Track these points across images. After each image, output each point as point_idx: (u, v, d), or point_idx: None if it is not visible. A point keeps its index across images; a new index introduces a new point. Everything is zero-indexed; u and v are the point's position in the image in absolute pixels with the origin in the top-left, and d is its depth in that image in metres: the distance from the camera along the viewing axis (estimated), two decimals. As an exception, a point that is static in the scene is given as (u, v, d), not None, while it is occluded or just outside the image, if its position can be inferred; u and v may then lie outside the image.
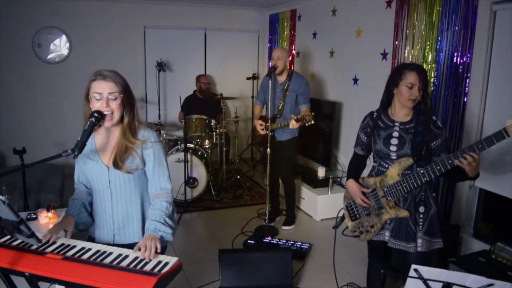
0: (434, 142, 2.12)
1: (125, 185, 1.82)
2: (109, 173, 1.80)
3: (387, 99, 2.23)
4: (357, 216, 2.35)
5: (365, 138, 2.30)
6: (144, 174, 1.87)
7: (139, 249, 1.62)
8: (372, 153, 2.30)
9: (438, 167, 1.98)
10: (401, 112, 2.19)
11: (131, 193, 1.85)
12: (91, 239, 1.91)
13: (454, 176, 2.14)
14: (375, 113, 2.29)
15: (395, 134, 2.17)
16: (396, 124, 2.18)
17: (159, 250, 1.62)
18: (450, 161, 1.94)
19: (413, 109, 2.18)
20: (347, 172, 2.43)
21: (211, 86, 5.94)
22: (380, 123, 2.23)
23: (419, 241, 2.14)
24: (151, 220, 1.78)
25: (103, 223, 1.87)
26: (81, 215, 1.86)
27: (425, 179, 2.04)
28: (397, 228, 2.18)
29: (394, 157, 2.16)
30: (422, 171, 2.04)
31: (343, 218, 2.46)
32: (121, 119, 1.78)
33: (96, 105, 1.70)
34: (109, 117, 1.71)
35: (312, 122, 3.48)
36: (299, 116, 3.51)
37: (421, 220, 2.15)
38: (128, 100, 1.77)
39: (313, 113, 3.50)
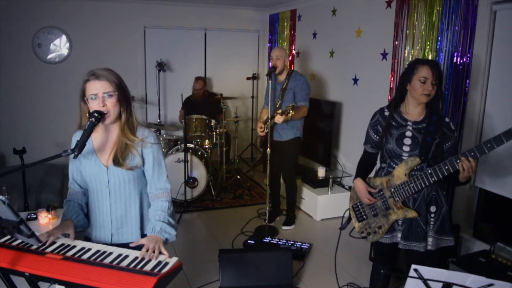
0: (446, 145, 2.10)
1: (124, 184, 1.82)
2: (108, 173, 1.80)
3: (401, 96, 2.19)
4: (364, 217, 2.32)
5: (375, 136, 2.25)
6: (143, 174, 1.87)
7: (139, 246, 1.61)
8: (380, 153, 2.26)
9: (446, 167, 1.96)
10: (415, 110, 2.15)
11: (130, 193, 1.84)
12: (88, 240, 1.90)
13: (450, 180, 2.12)
14: (386, 111, 2.23)
15: (408, 133, 2.12)
16: (409, 123, 2.14)
17: (163, 253, 1.61)
18: (458, 161, 1.92)
19: (426, 108, 2.15)
20: (356, 170, 2.38)
21: (208, 87, 5.94)
22: (392, 121, 2.18)
23: (430, 239, 2.13)
24: (156, 221, 1.78)
25: (100, 223, 1.87)
26: (79, 217, 1.85)
27: (433, 179, 2.01)
28: (407, 229, 2.16)
29: (406, 158, 2.12)
30: (430, 171, 2.01)
31: (349, 219, 2.42)
32: (120, 117, 1.78)
33: (93, 106, 1.70)
34: (107, 116, 1.71)
35: (292, 112, 3.38)
36: (282, 109, 3.46)
37: (432, 219, 2.13)
38: (123, 97, 1.76)
39: (292, 104, 3.45)
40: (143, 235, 1.88)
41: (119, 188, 1.82)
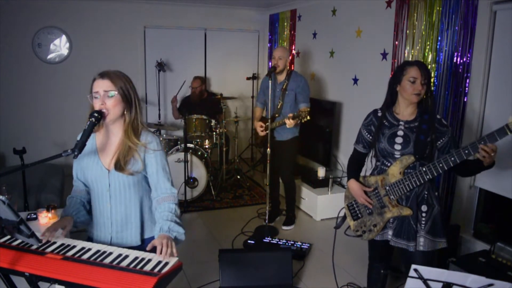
0: (441, 140, 2.11)
1: (125, 189, 1.81)
2: (109, 176, 1.79)
3: (391, 98, 2.22)
4: (359, 215, 2.34)
5: (368, 136, 2.28)
6: (145, 179, 1.85)
7: (153, 247, 1.60)
8: (372, 152, 2.28)
9: (440, 165, 1.98)
10: (406, 110, 2.18)
11: (130, 198, 1.83)
12: (90, 239, 1.90)
13: (466, 170, 2.13)
14: (379, 112, 2.26)
15: (400, 133, 2.15)
16: (401, 123, 2.17)
17: (174, 252, 1.60)
18: (452, 158, 1.93)
19: (417, 107, 2.18)
20: (347, 171, 2.42)
21: (208, 86, 5.94)
22: (384, 121, 2.22)
23: (421, 239, 2.13)
24: (164, 220, 1.76)
25: (101, 224, 1.86)
26: (80, 214, 1.85)
27: (427, 177, 2.03)
28: (399, 227, 2.17)
29: (398, 156, 2.15)
30: (424, 169, 2.03)
31: (344, 217, 2.44)
32: (122, 118, 1.78)
33: (95, 105, 1.71)
34: (105, 115, 1.71)
35: (308, 118, 3.46)
36: (294, 114, 3.51)
37: (423, 219, 2.14)
38: (126, 98, 1.75)
39: (308, 109, 3.50)
40: (142, 240, 1.88)
41: (119, 192, 1.81)
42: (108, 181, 1.80)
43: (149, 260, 1.55)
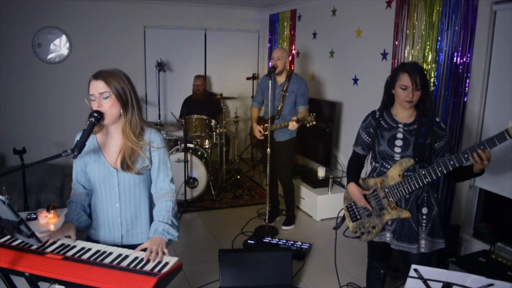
0: (438, 143, 2.12)
1: (135, 187, 1.81)
2: (118, 175, 1.78)
3: (387, 100, 2.22)
4: (358, 217, 2.34)
5: (367, 138, 2.28)
6: (150, 174, 1.86)
7: (143, 249, 1.61)
8: (371, 154, 2.28)
9: (439, 168, 1.98)
10: (404, 113, 2.17)
11: (140, 195, 1.84)
12: (91, 241, 1.89)
13: (458, 176, 2.15)
14: (378, 113, 2.26)
15: (399, 135, 2.15)
16: (400, 125, 2.17)
17: (166, 254, 1.61)
18: (452, 162, 1.93)
19: (416, 110, 2.17)
20: (347, 173, 2.41)
21: (208, 86, 5.94)
22: (383, 123, 2.21)
23: (422, 242, 2.14)
24: (159, 222, 1.77)
25: (109, 225, 1.85)
26: (81, 219, 1.85)
27: (426, 180, 2.03)
28: (399, 230, 2.17)
29: (398, 159, 2.14)
30: (423, 172, 2.03)
31: (343, 218, 2.44)
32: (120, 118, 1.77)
33: (92, 106, 1.70)
34: (104, 116, 1.70)
35: (314, 123, 3.51)
36: (299, 117, 3.52)
37: (424, 221, 2.15)
38: (122, 99, 1.72)
39: (313, 114, 3.52)
40: None
41: (128, 190, 1.81)
42: (117, 180, 1.79)
43: (149, 260, 1.55)
